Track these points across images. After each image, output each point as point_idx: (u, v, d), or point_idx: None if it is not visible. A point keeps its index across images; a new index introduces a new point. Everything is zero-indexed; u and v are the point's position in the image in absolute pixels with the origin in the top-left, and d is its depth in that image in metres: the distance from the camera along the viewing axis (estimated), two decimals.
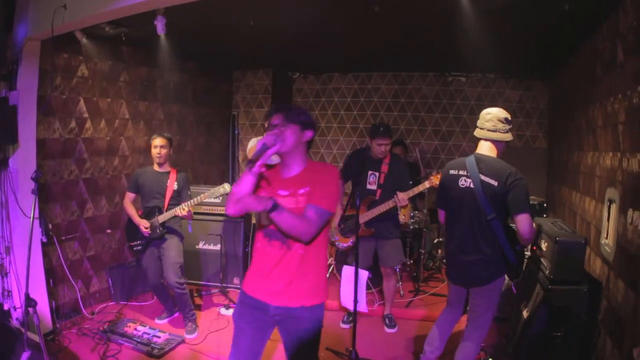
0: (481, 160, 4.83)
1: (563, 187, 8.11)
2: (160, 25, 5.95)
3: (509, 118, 4.81)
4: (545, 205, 7.87)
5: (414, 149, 10.31)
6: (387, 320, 7.37)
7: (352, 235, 6.89)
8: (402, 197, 6.53)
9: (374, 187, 6.89)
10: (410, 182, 6.80)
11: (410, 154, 10.39)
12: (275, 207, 3.47)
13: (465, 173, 4.91)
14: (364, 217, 6.78)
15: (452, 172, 5.09)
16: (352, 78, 11.87)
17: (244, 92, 11.92)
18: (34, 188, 5.21)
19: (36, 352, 5.29)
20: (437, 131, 11.21)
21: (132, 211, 7.00)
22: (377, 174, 6.88)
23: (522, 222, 4.51)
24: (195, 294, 8.47)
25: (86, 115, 7.71)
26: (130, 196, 7.09)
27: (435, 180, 6.20)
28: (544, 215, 7.50)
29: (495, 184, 4.63)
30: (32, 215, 5.24)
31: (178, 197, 6.95)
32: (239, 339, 3.95)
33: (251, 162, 3.65)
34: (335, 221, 7.16)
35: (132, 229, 7.01)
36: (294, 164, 3.84)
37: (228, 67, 11.80)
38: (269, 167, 3.95)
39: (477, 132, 4.95)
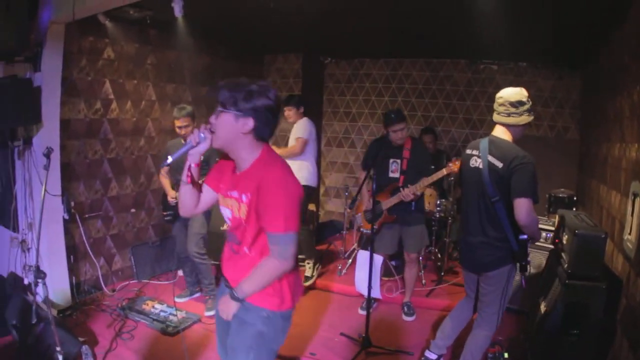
0: (493, 142, 4.79)
1: (592, 180, 7.98)
2: (177, 7, 6.04)
3: (524, 100, 4.69)
4: (575, 198, 7.77)
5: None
6: (405, 308, 7.35)
7: (375, 221, 6.90)
8: (407, 192, 6.52)
9: (396, 174, 6.87)
10: (433, 167, 6.75)
11: (440, 142, 10.38)
12: (235, 296, 3.29)
13: (477, 153, 4.90)
14: (386, 203, 6.79)
15: (467, 151, 5.09)
16: (384, 64, 11.77)
17: (275, 76, 11.91)
18: (45, 164, 5.32)
19: (49, 325, 5.43)
20: (469, 119, 11.11)
21: (165, 182, 7.23)
22: (399, 160, 6.86)
23: (519, 207, 4.45)
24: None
25: (112, 96, 7.84)
26: (165, 169, 7.25)
27: (454, 167, 6.17)
28: (573, 209, 7.41)
29: (500, 165, 4.59)
30: (43, 190, 5.34)
31: (206, 167, 6.86)
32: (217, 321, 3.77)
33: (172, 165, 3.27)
34: (362, 207, 7.24)
35: (165, 199, 7.23)
36: (239, 158, 3.29)
37: (259, 51, 11.79)
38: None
39: (494, 116, 4.91)
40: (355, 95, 12.10)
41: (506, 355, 5.75)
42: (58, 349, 4.82)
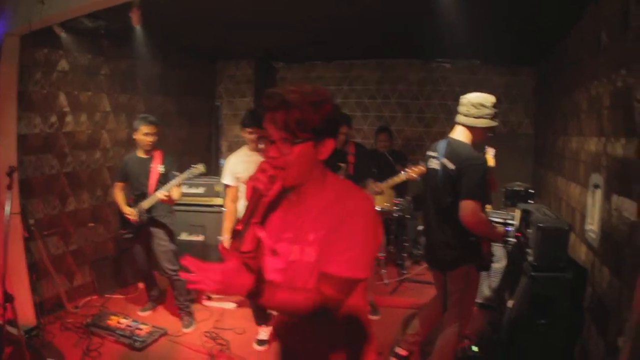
0: (450, 143, 4.83)
1: (549, 173, 8.13)
2: (135, 17, 5.95)
3: (486, 104, 4.71)
4: (531, 191, 7.86)
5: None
6: (369, 309, 7.33)
7: None
8: (373, 187, 6.68)
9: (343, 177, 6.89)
10: (375, 171, 6.84)
11: (395, 141, 10.41)
12: (255, 293, 2.24)
13: (435, 155, 4.95)
14: None
15: (428, 152, 5.16)
16: (335, 66, 11.86)
17: (227, 82, 11.91)
18: (9, 183, 5.20)
19: (18, 348, 5.29)
20: (422, 118, 11.24)
21: (119, 199, 6.97)
22: (344, 165, 6.90)
23: (463, 208, 4.48)
24: None
25: (67, 109, 7.69)
26: (119, 185, 7.06)
27: (411, 172, 6.23)
28: (530, 201, 7.50)
29: (453, 167, 4.62)
30: (7, 210, 5.23)
31: (165, 181, 6.72)
32: None
33: (237, 232, 2.44)
34: None
35: (122, 217, 6.96)
36: (304, 187, 2.53)
37: (211, 58, 11.77)
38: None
39: (456, 117, 4.94)
40: None
41: (475, 348, 5.87)
42: None
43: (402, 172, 6.49)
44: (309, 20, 7.42)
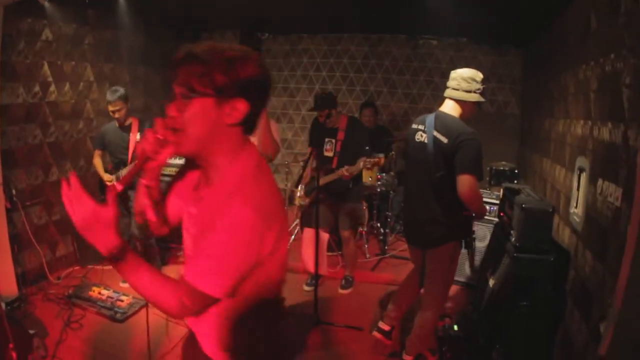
0: (439, 117, 4.82)
1: (534, 154, 8.12)
2: None
3: (477, 79, 4.74)
4: (516, 171, 7.88)
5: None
6: (342, 282, 7.46)
7: (309, 196, 7.04)
8: (341, 171, 6.65)
9: (330, 154, 6.92)
10: (367, 148, 6.79)
11: (380, 116, 10.39)
12: (118, 257, 2.05)
13: (422, 128, 4.91)
14: (322, 180, 6.78)
15: (413, 126, 5.11)
16: (322, 39, 11.76)
17: None
18: None
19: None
20: (408, 94, 11.19)
21: (98, 166, 7.09)
22: (333, 140, 6.90)
23: (462, 183, 4.47)
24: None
25: (50, 79, 7.61)
26: (97, 153, 7.17)
27: (369, 163, 6.33)
28: (515, 182, 7.52)
29: (446, 141, 4.61)
30: None
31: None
32: None
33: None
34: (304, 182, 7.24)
35: (102, 183, 7.07)
36: (213, 166, 2.22)
37: (195, 29, 11.64)
38: None
39: (445, 92, 4.93)
40: (293, 70, 12.06)
41: (455, 327, 5.91)
42: (11, 345, 4.68)
43: (360, 162, 6.49)
44: None
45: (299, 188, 7.25)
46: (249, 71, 2.07)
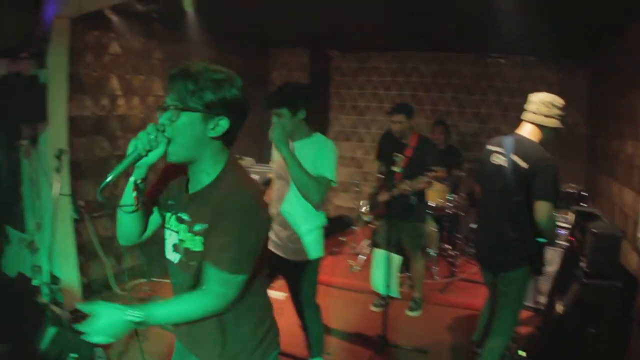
0: (519, 140, 4.71)
1: (603, 176, 7.90)
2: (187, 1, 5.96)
3: (556, 104, 4.66)
4: (585, 194, 7.71)
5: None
6: (411, 304, 7.32)
7: (372, 212, 7.02)
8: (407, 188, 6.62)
9: (396, 169, 6.80)
10: (434, 169, 6.69)
11: (451, 135, 10.28)
12: (143, 323, 2.36)
13: (500, 150, 4.81)
14: (384, 197, 6.74)
15: (488, 147, 5.02)
16: (391, 57, 11.64)
17: (281, 70, 11.86)
18: (57, 165, 5.24)
19: (61, 328, 5.33)
20: (477, 113, 11.00)
21: None
22: (401, 156, 6.79)
23: (539, 209, 4.38)
24: None
25: (119, 92, 7.74)
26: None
27: (429, 178, 6.28)
28: (583, 205, 7.35)
29: (525, 166, 4.50)
30: (55, 192, 5.29)
31: None
32: None
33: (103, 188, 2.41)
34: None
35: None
36: (199, 171, 2.57)
37: (264, 44, 11.71)
38: None
39: (523, 115, 4.83)
40: (363, 88, 11.99)
41: (522, 353, 5.72)
42: (74, 355, 4.73)
43: (423, 177, 6.43)
44: (366, 9, 7.31)
45: (363, 203, 7.21)
46: (233, 92, 2.44)
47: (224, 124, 2.44)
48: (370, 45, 11.46)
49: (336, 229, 10.64)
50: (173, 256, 2.70)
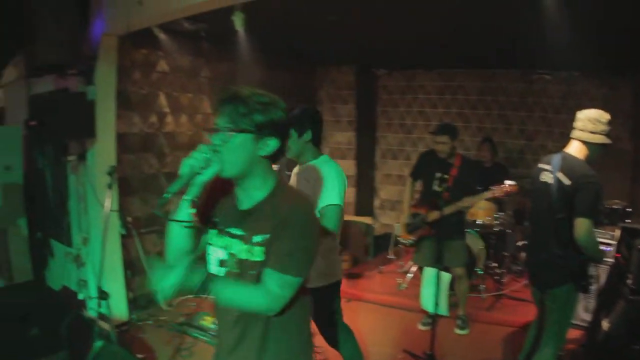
0: (565, 158, 4.68)
1: None
2: (238, 20, 5.99)
3: (602, 120, 4.62)
4: (629, 210, 7.60)
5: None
6: (459, 322, 7.23)
7: (415, 232, 6.87)
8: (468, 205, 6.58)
9: (439, 189, 6.80)
10: (480, 188, 6.64)
11: (497, 152, 10.19)
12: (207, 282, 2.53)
13: (548, 168, 4.79)
14: (434, 215, 6.67)
15: (539, 165, 5.00)
16: (437, 75, 11.59)
17: (329, 87, 11.84)
18: (109, 182, 5.32)
19: (108, 342, 5.38)
20: (523, 130, 10.87)
21: None
22: (445, 176, 6.78)
23: (578, 226, 4.34)
24: None
25: (167, 109, 7.85)
26: None
27: (497, 192, 6.15)
28: (628, 221, 7.25)
29: (568, 183, 4.48)
30: (107, 208, 5.37)
31: None
32: None
33: (167, 198, 2.52)
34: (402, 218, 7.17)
35: None
36: (250, 187, 2.68)
37: (312, 62, 11.72)
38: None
39: (571, 132, 4.80)
40: (409, 107, 11.93)
41: None
42: None
43: (487, 191, 6.37)
44: (412, 27, 7.32)
45: (397, 226, 7.18)
46: (279, 114, 2.59)
47: (272, 143, 2.58)
48: (416, 63, 11.44)
49: (383, 247, 10.62)
50: (218, 270, 2.77)
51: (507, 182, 6.23)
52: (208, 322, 6.85)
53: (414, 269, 8.61)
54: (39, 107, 6.56)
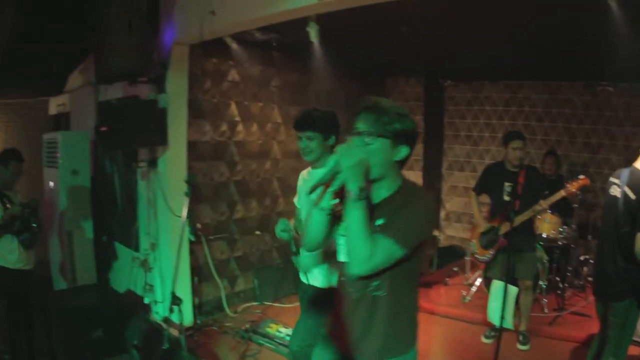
0: (633, 172, 4.60)
1: None
2: (313, 32, 6.03)
3: None
4: None
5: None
6: (520, 337, 7.06)
7: (491, 248, 6.78)
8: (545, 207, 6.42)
9: (509, 198, 6.71)
10: (547, 192, 6.52)
11: (562, 165, 10.05)
12: (359, 196, 2.65)
13: (617, 182, 4.71)
14: (506, 227, 6.60)
15: (610, 179, 4.91)
16: (503, 87, 11.46)
17: (397, 98, 11.71)
18: (187, 190, 5.43)
19: (175, 347, 5.46)
20: (587, 143, 10.62)
21: None
22: (513, 185, 6.69)
23: (638, 241, 4.28)
24: None
25: (237, 118, 7.93)
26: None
27: (571, 188, 6.04)
28: None
29: (634, 197, 4.41)
30: (183, 216, 5.49)
31: None
32: None
33: (313, 192, 2.80)
34: (476, 233, 7.12)
35: None
36: (382, 187, 2.89)
37: (380, 73, 11.75)
38: None
39: None
40: (476, 118, 11.81)
41: None
42: None
43: (562, 189, 6.27)
44: (479, 39, 7.29)
45: (472, 244, 7.13)
46: (412, 125, 2.86)
47: (405, 150, 2.84)
48: (482, 75, 11.37)
49: (448, 259, 10.55)
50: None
51: (579, 176, 6.14)
52: (274, 329, 6.90)
53: (479, 281, 8.54)
54: (108, 114, 6.67)
